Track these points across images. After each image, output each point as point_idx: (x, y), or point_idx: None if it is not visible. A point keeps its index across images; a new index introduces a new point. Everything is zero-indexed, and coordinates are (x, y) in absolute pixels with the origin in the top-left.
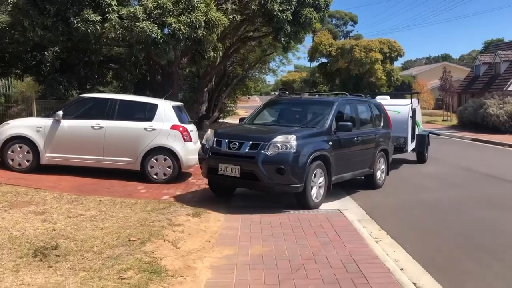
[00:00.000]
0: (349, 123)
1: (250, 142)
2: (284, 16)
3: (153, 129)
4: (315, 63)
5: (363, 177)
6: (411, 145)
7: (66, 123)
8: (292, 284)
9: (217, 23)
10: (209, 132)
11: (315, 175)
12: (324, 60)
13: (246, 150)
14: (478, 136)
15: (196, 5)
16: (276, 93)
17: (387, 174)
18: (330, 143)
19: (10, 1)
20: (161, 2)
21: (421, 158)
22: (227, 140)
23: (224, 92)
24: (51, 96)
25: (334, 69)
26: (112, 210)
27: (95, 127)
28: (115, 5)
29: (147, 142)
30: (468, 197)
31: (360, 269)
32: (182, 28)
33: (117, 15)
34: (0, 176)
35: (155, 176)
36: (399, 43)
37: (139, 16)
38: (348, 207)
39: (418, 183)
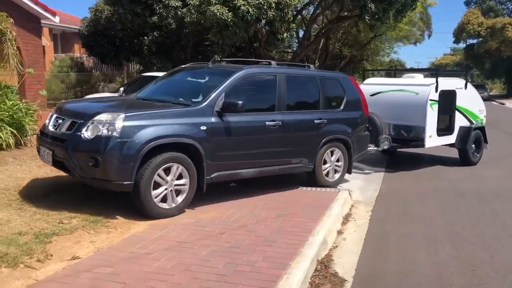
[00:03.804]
0: (239, 102)
1: (70, 120)
2: None
3: None
4: (462, 45)
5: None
6: (436, 139)
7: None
8: (201, 243)
9: (288, 4)
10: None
11: (165, 171)
12: (472, 41)
13: (63, 131)
14: None
15: None
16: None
17: (349, 172)
18: (205, 127)
19: None
20: None
21: (464, 157)
22: (55, 115)
23: (368, 76)
24: None
25: (482, 51)
26: None
27: None
28: None
29: None
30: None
31: (277, 238)
32: (250, 10)
33: (197, 0)
34: None
35: None
36: None
37: (211, 0)
38: (370, 187)
39: (478, 173)
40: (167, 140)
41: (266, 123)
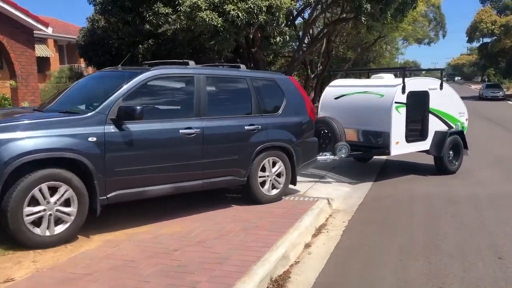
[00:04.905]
0: (136, 108)
1: None
2: None
3: None
4: (476, 44)
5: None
6: (405, 146)
7: None
8: (149, 262)
9: (280, 7)
10: None
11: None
12: (486, 40)
13: None
14: None
15: None
16: (444, 78)
17: (293, 183)
18: (94, 139)
19: (98, 1)
20: None
21: (439, 165)
22: None
23: (335, 77)
24: None
25: (497, 50)
26: None
27: None
28: None
29: None
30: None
31: (232, 255)
32: (240, 14)
33: (187, 6)
34: None
35: None
36: None
37: (201, 5)
38: (354, 194)
39: (478, 177)
40: (42, 155)
41: (181, 131)
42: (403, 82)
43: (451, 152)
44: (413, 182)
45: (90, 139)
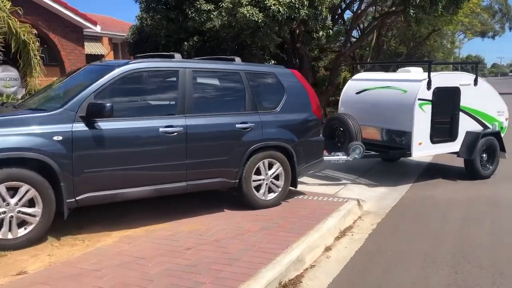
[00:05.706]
0: (106, 104)
1: None
2: None
3: None
4: None
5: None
6: (430, 147)
7: None
8: (159, 260)
9: (322, 1)
10: None
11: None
12: None
13: None
14: None
15: None
16: (494, 76)
17: (294, 186)
18: (60, 138)
19: None
20: None
21: (470, 169)
22: None
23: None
24: None
25: None
26: None
27: None
28: None
29: None
30: None
31: (243, 256)
32: (281, 9)
33: (229, 2)
34: None
35: None
36: None
37: (242, 1)
38: (390, 196)
39: None
40: None
41: (161, 129)
42: (429, 77)
43: (484, 155)
44: (456, 184)
45: (55, 138)
